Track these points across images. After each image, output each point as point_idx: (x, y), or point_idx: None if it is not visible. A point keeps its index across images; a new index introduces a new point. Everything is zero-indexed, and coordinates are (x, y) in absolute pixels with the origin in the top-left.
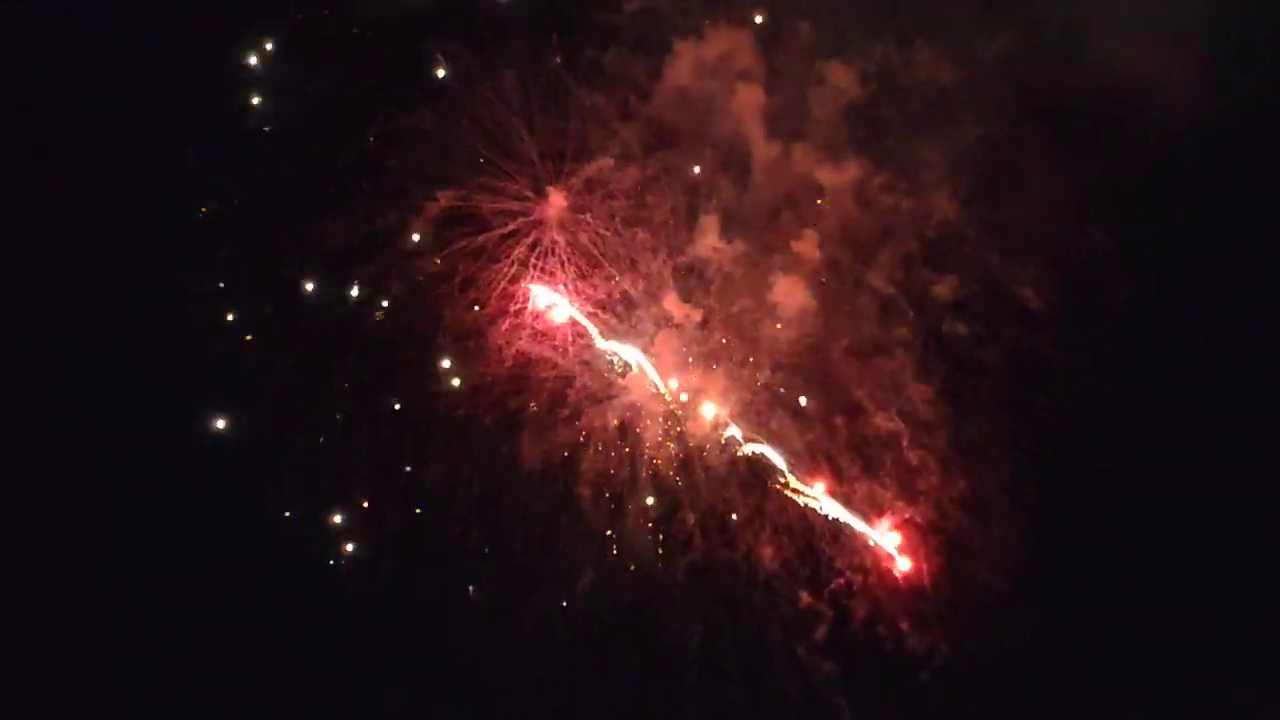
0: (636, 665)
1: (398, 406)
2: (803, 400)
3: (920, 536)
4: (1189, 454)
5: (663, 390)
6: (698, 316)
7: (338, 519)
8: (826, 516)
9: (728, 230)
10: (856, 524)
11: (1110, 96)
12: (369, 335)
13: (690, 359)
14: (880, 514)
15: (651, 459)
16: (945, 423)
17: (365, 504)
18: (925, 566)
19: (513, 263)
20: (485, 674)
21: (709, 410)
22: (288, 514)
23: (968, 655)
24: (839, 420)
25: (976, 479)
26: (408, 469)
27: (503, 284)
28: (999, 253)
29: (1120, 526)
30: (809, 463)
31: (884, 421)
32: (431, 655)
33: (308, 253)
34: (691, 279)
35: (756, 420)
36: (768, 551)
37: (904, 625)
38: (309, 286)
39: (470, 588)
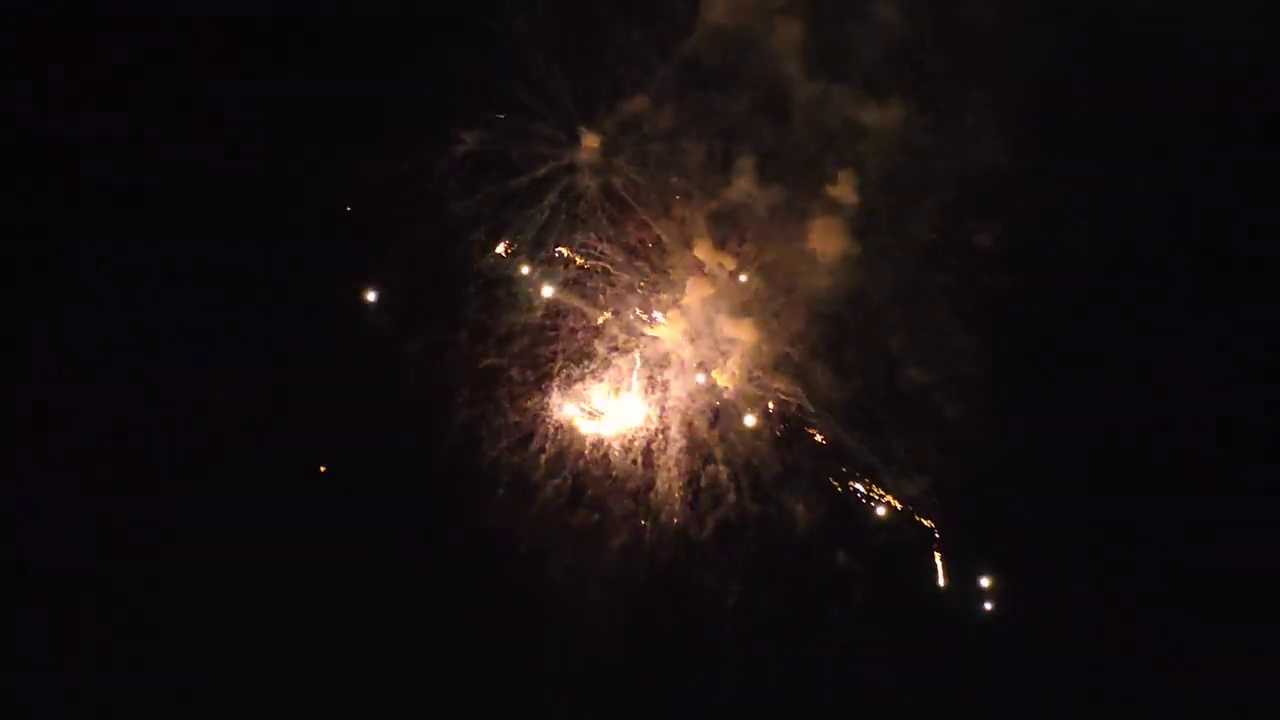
0: (669, 627)
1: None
2: (839, 352)
3: (960, 494)
4: (1246, 414)
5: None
6: (732, 264)
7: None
8: (864, 473)
9: (764, 174)
10: (894, 481)
11: (1165, 37)
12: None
13: (724, 308)
14: (919, 470)
15: (682, 412)
16: (987, 378)
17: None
18: (965, 526)
19: (544, 209)
20: (514, 635)
21: (742, 361)
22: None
23: (1011, 620)
24: (877, 373)
25: (1019, 436)
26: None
27: (534, 231)
28: (1047, 201)
29: (1170, 484)
30: (846, 416)
31: (924, 375)
32: (458, 615)
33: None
34: (726, 225)
35: (792, 372)
36: (802, 509)
37: (943, 587)
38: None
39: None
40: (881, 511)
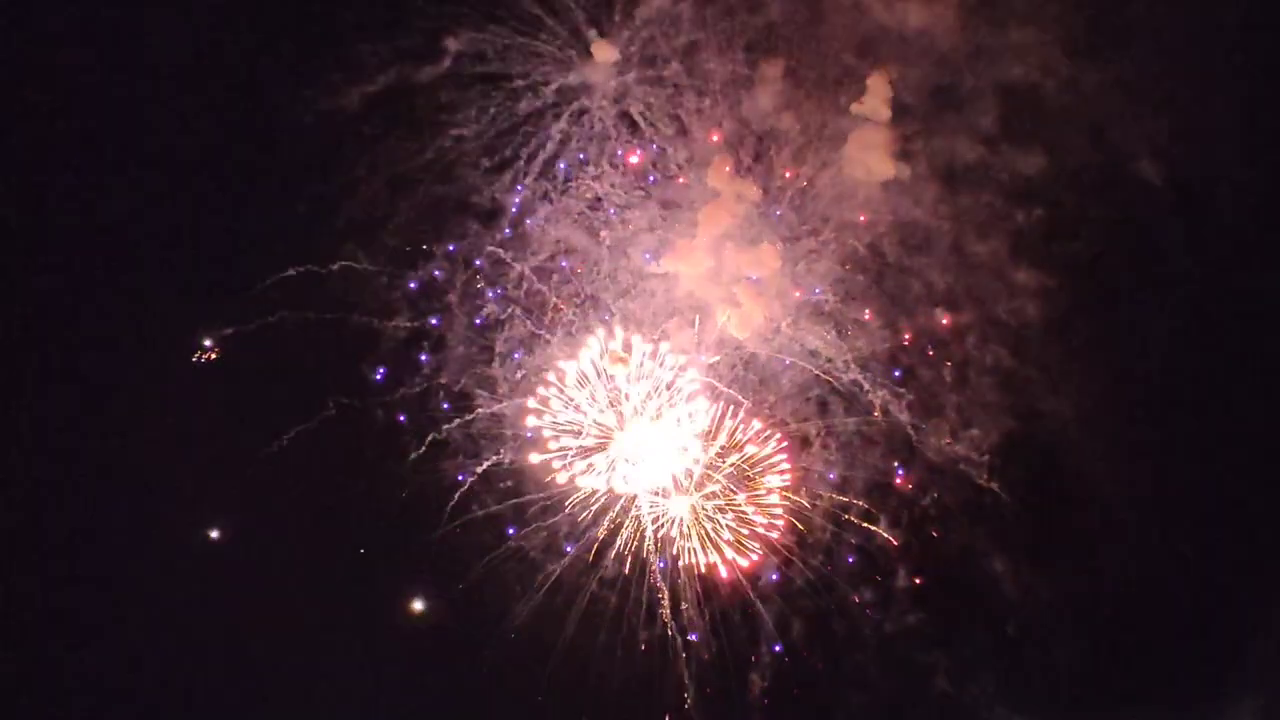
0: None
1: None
2: (878, 294)
3: (1012, 455)
4: None
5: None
6: (753, 191)
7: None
8: (903, 431)
9: (791, 88)
10: (938, 442)
11: None
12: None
13: (743, 238)
14: (966, 427)
15: (699, 365)
16: (1044, 322)
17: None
18: (1017, 491)
19: (554, 136)
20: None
21: (767, 306)
22: None
23: (1066, 597)
24: (919, 317)
25: (1077, 387)
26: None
27: (543, 160)
28: (1109, 118)
29: (1245, 441)
30: (882, 367)
31: (968, 320)
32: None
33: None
34: (747, 146)
35: (821, 314)
36: (835, 476)
37: (996, 564)
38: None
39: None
40: (924, 475)
